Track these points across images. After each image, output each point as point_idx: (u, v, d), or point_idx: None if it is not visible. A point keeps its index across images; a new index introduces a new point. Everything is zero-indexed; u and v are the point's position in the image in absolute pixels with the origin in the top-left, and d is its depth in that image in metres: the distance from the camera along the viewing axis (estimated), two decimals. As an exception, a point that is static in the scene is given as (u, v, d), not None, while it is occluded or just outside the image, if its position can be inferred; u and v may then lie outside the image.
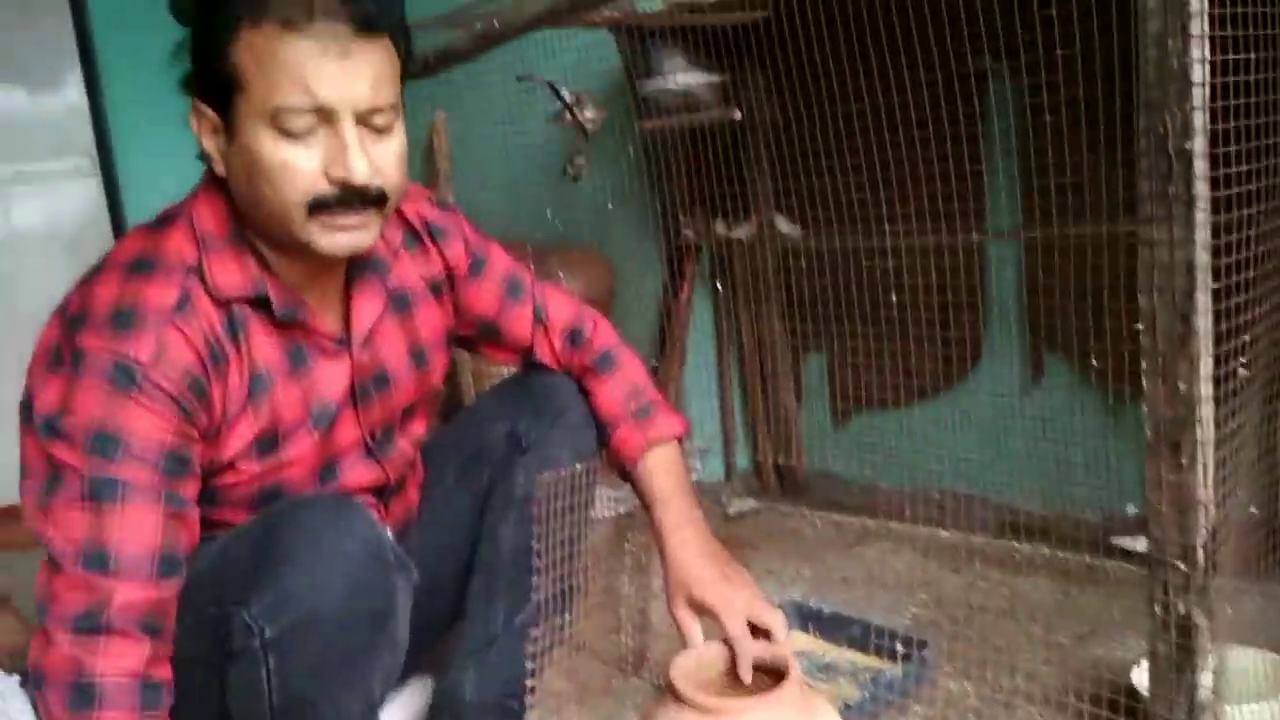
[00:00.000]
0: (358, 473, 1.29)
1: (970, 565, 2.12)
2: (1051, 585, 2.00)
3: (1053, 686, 1.57)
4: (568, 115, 2.18)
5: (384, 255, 1.29)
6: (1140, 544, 1.98)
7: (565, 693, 1.73)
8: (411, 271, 1.34)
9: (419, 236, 1.35)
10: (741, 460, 2.75)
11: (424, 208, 1.37)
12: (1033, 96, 1.73)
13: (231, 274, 1.14)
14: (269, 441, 1.18)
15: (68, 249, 3.42)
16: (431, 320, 1.37)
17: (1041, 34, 1.53)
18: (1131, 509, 2.03)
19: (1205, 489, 1.13)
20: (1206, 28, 1.08)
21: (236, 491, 1.19)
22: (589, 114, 2.18)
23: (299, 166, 1.07)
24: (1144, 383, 1.14)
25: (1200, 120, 1.09)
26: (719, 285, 2.60)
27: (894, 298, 2.16)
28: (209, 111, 1.11)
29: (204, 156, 1.14)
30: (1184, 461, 1.13)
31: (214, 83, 1.08)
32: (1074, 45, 1.52)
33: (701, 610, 1.31)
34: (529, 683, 1.43)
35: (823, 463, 2.60)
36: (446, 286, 1.39)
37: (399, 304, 1.32)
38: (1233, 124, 1.17)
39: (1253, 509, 1.33)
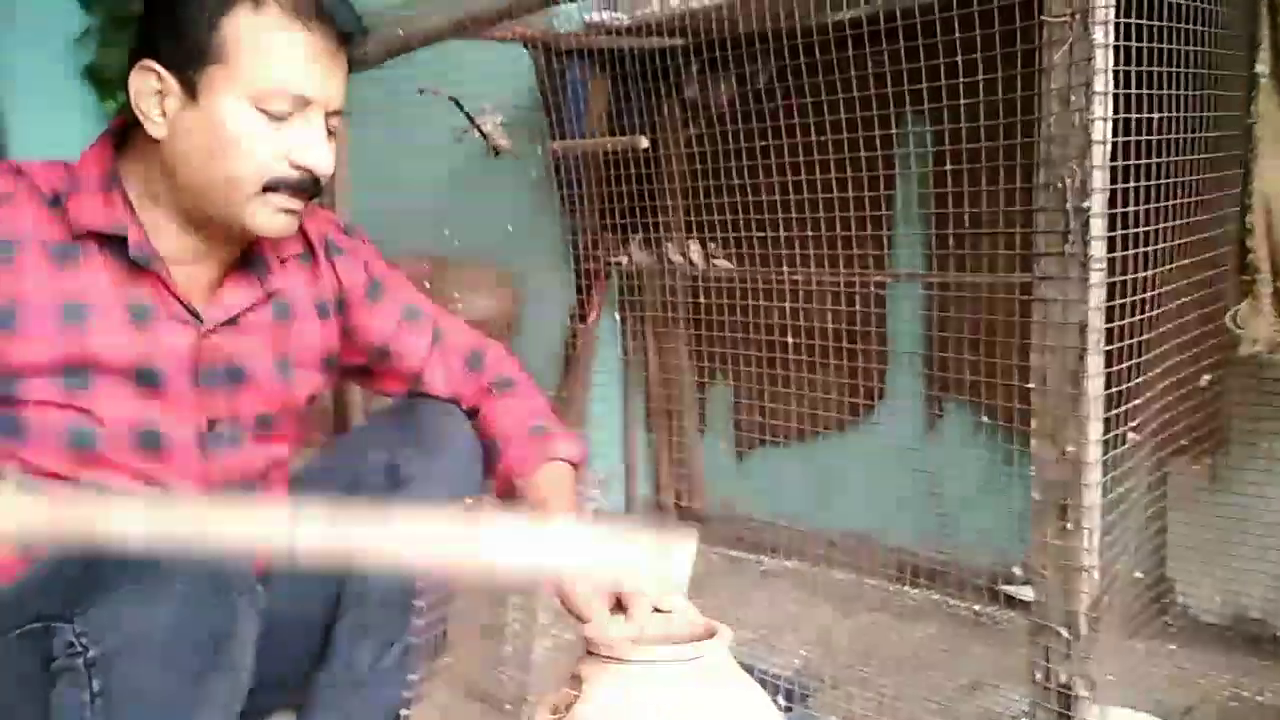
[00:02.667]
0: (186, 459, 1.22)
1: (862, 609, 2.10)
2: (942, 632, 1.99)
3: (936, 741, 1.55)
4: (474, 131, 2.12)
5: (269, 258, 1.28)
6: (1028, 594, 1.98)
7: (440, 733, 1.66)
8: (297, 284, 1.32)
9: (313, 254, 1.35)
10: (642, 490, 2.70)
11: (327, 228, 1.38)
12: (938, 144, 1.72)
13: (94, 208, 1.16)
14: (77, 375, 1.15)
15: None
16: (309, 337, 1.33)
17: (947, 83, 1.51)
18: (1019, 563, 2.03)
19: (1090, 554, 1.11)
20: (1110, 85, 1.07)
21: (43, 422, 1.14)
22: (495, 131, 2.12)
23: (266, 145, 1.13)
24: (1032, 443, 1.11)
25: (1100, 179, 1.07)
26: (619, 312, 2.55)
27: (798, 335, 2.14)
28: (167, 75, 1.12)
29: (125, 114, 1.16)
30: (1069, 525, 1.11)
31: (188, 50, 1.12)
32: (979, 95, 1.51)
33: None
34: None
35: (723, 497, 2.56)
36: (335, 309, 1.36)
37: (277, 310, 1.29)
38: (1132, 184, 1.16)
39: (1138, 573, 1.32)
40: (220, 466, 1.25)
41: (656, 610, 1.19)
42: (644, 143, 2.09)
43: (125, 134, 1.21)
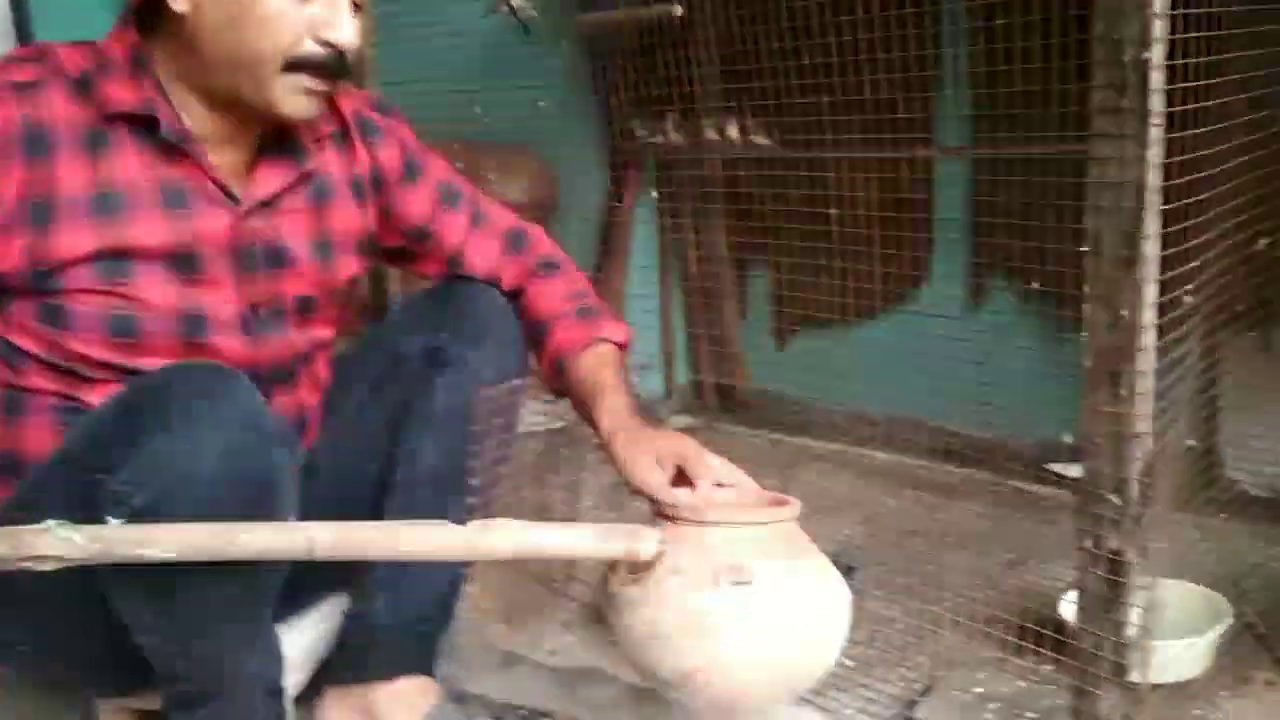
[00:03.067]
0: (230, 342, 1.22)
1: (905, 489, 2.10)
2: (985, 510, 1.98)
3: (980, 613, 1.55)
4: (503, 6, 2.06)
5: (304, 138, 1.26)
6: (1075, 470, 1.96)
7: (492, 610, 1.69)
8: (333, 165, 1.31)
9: (348, 134, 1.33)
10: (681, 376, 2.69)
11: (362, 107, 1.36)
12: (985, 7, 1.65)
13: (123, 90, 1.14)
14: (115, 264, 1.14)
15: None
16: (347, 218, 1.32)
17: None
18: (1068, 437, 2.00)
19: (1143, 421, 1.09)
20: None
21: (84, 310, 1.14)
22: (524, 5, 2.06)
23: (291, 20, 1.12)
24: (1084, 308, 1.08)
25: (1159, 28, 1.02)
26: (657, 193, 2.51)
27: (839, 212, 2.09)
28: None
29: None
30: (1123, 392, 1.08)
31: None
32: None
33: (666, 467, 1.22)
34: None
35: (763, 381, 2.55)
36: (371, 189, 1.34)
37: (315, 192, 1.28)
38: (1191, 34, 1.11)
39: (1190, 441, 1.30)
40: (265, 349, 1.25)
41: (719, 486, 1.19)
42: (678, 10, 2.01)
43: (148, 12, 1.17)
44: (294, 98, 1.16)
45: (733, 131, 2.31)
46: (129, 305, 1.16)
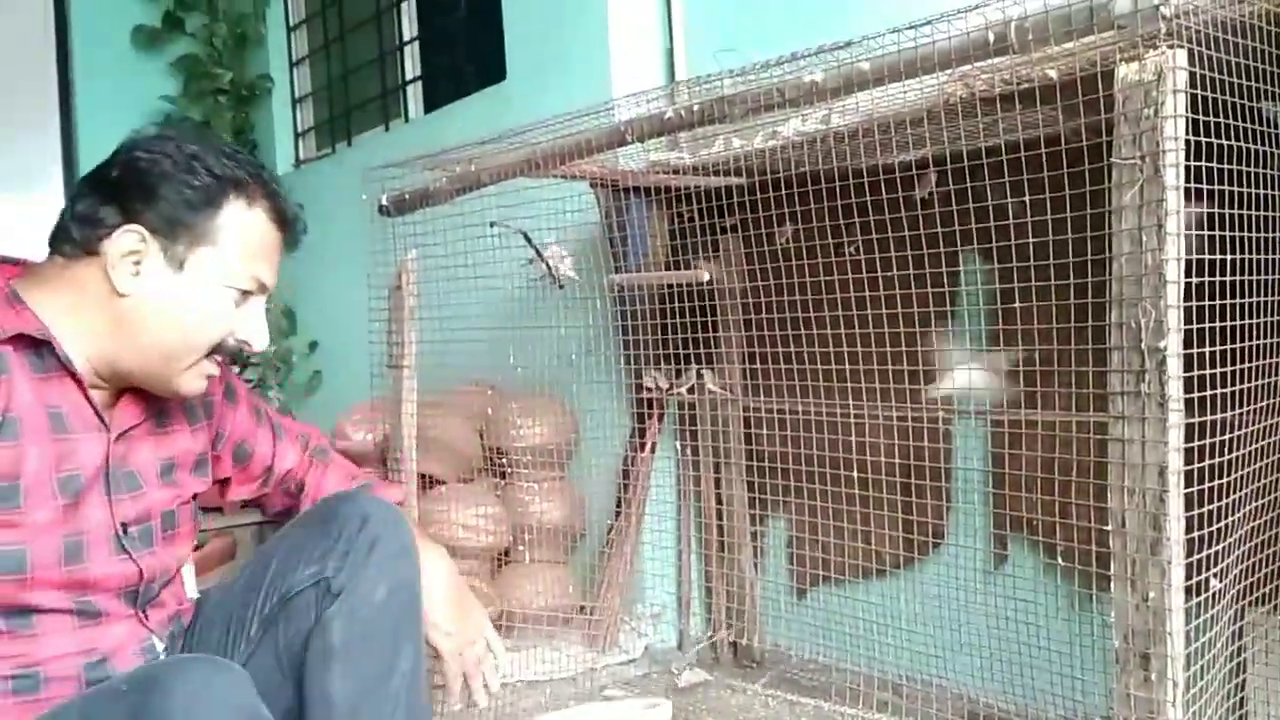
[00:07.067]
0: (108, 564, 1.25)
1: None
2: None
3: None
4: (540, 264, 2.16)
5: None
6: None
7: None
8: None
9: None
10: (695, 628, 2.64)
11: None
12: (1003, 281, 1.72)
13: (9, 318, 1.19)
14: (7, 490, 1.16)
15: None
16: (184, 442, 1.40)
17: (1014, 221, 1.52)
18: (1097, 716, 1.93)
19: (1174, 708, 1.06)
20: (1182, 226, 1.07)
21: None
22: (560, 264, 2.16)
23: (226, 320, 1.26)
24: (1113, 589, 1.08)
25: (1175, 319, 1.06)
26: (679, 443, 2.54)
27: (858, 471, 2.11)
28: (151, 241, 1.21)
29: (76, 251, 1.21)
30: (1153, 676, 1.06)
31: (182, 227, 1.21)
32: (1046, 233, 1.51)
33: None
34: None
35: (780, 637, 2.50)
36: (204, 414, 1.44)
37: (158, 420, 1.36)
38: (1208, 324, 1.15)
39: (1224, 728, 1.26)
40: (136, 567, 1.28)
41: None
42: (705, 275, 2.11)
43: (11, 267, 1.27)
44: (193, 379, 1.28)
45: (751, 387, 2.37)
46: (18, 537, 1.17)
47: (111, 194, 1.21)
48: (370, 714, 1.29)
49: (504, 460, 2.64)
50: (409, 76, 3.80)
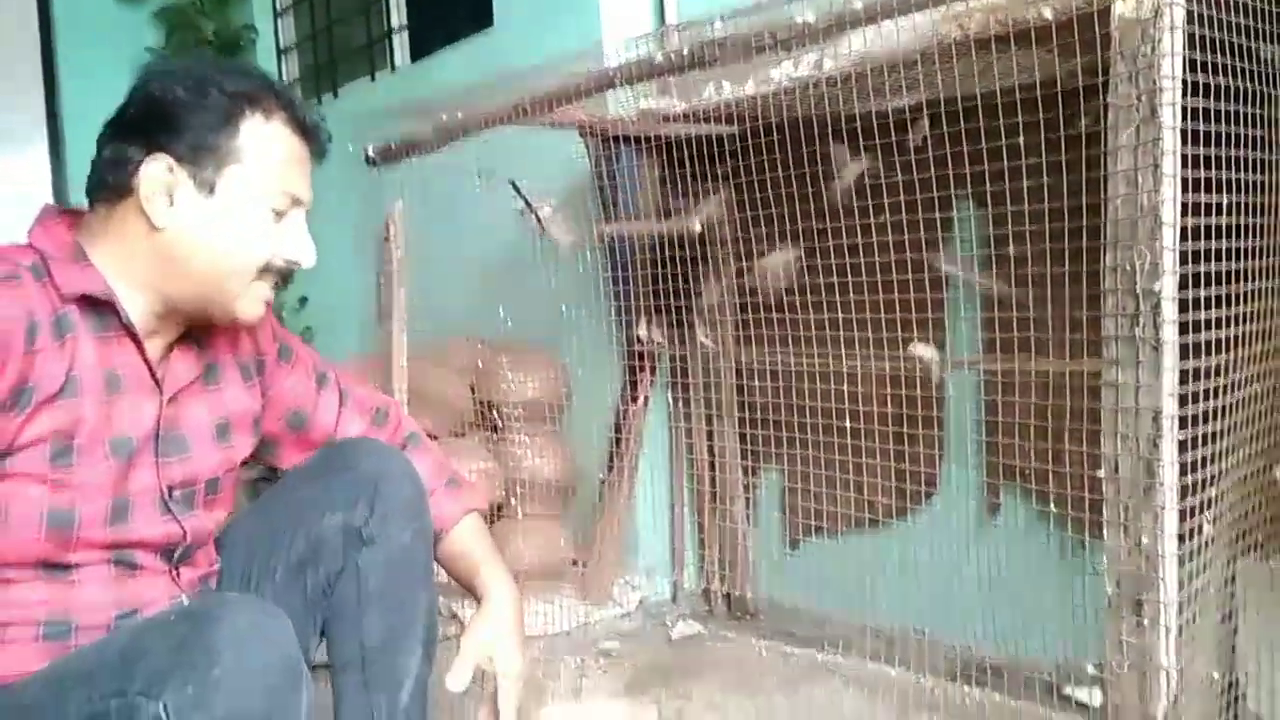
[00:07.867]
0: (152, 524, 1.26)
1: (918, 711, 2.02)
2: (1002, 736, 1.90)
3: None
4: (529, 215, 2.14)
5: (215, 333, 1.35)
6: (1095, 698, 1.89)
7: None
8: (223, 349, 1.38)
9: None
10: (689, 581, 2.64)
11: None
12: (997, 227, 1.70)
13: (76, 277, 1.19)
14: (62, 449, 1.17)
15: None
16: (239, 400, 1.39)
17: (1007, 165, 1.50)
18: (1089, 663, 1.94)
19: (1168, 653, 1.06)
20: (1178, 167, 1.05)
21: (21, 505, 1.15)
22: (549, 214, 2.13)
23: (268, 239, 1.24)
24: (1105, 535, 1.07)
25: (1170, 261, 1.05)
26: (671, 396, 2.53)
27: (850, 422, 2.10)
28: (179, 169, 1.19)
29: (112, 196, 1.20)
30: (1145, 622, 1.05)
31: (207, 150, 1.20)
32: (1041, 177, 1.49)
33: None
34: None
35: (773, 589, 2.50)
36: (255, 371, 1.42)
37: (209, 376, 1.35)
38: (1203, 267, 1.13)
39: (1214, 674, 1.25)
40: (178, 530, 1.29)
41: None
42: (697, 225, 2.08)
43: (72, 219, 1.25)
44: (251, 303, 1.26)
45: (743, 339, 2.35)
46: (67, 497, 1.17)
47: (133, 131, 1.21)
48: (397, 650, 1.38)
49: (496, 414, 2.63)
50: (395, 25, 3.75)
